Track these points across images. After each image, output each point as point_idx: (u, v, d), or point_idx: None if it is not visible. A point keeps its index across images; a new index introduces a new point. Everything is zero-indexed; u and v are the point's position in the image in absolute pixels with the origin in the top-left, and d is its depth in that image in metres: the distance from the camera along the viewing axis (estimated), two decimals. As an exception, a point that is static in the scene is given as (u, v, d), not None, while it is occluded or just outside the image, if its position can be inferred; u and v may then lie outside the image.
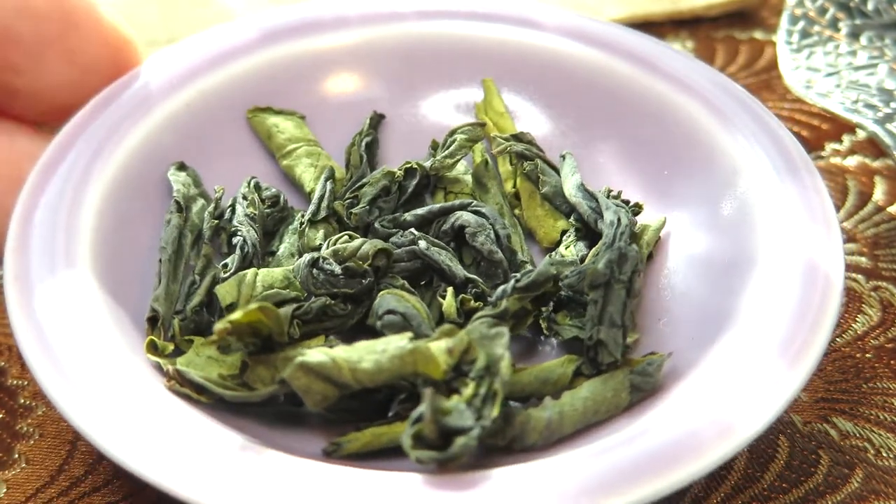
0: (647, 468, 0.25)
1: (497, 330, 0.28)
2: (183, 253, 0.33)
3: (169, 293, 0.32)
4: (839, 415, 0.32)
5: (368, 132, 0.36)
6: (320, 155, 0.36)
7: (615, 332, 0.29)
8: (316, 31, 0.37)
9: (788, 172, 0.32)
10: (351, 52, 0.37)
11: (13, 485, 0.31)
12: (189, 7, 0.48)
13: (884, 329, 0.35)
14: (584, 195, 0.33)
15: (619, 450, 0.26)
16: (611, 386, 0.28)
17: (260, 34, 0.37)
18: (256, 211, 0.34)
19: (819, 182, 0.32)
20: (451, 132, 0.35)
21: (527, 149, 0.35)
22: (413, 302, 0.30)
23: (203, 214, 0.34)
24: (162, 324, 0.31)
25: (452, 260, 0.32)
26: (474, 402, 0.26)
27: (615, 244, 0.30)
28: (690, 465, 0.25)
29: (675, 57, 0.36)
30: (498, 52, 0.38)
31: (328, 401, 0.27)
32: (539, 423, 0.27)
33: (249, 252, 0.33)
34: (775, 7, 0.49)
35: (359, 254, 0.31)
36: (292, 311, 0.30)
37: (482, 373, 0.27)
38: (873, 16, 0.42)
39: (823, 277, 0.29)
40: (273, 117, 0.36)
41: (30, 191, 0.31)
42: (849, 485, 0.30)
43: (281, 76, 0.37)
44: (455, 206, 0.33)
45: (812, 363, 0.27)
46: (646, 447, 0.26)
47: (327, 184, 0.35)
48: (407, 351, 0.27)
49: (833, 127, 0.42)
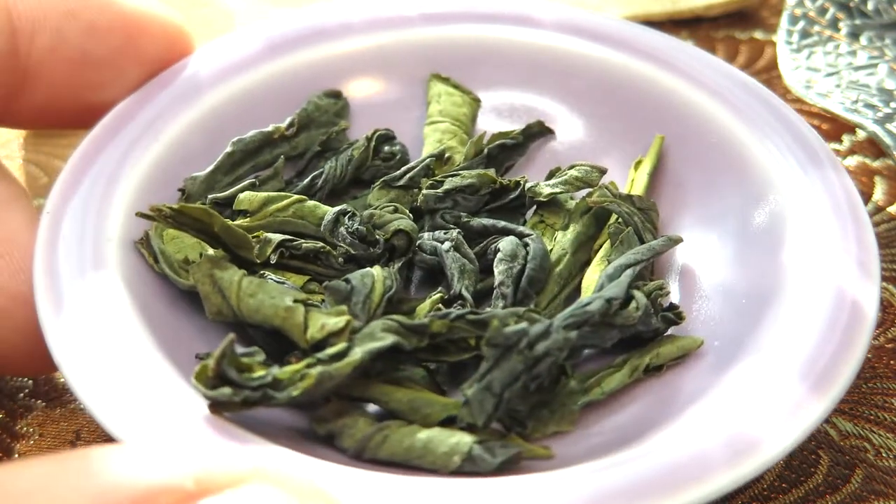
0: (652, 487, 0.24)
1: (389, 337, 0.27)
2: (254, 158, 0.34)
3: (210, 179, 0.33)
4: (839, 415, 0.32)
5: (515, 136, 0.36)
6: (456, 135, 0.36)
7: (487, 398, 0.27)
8: (342, 34, 0.37)
9: (818, 176, 0.32)
10: (365, 57, 0.37)
11: (13, 485, 0.31)
12: (189, 7, 0.48)
13: (884, 329, 0.35)
14: (616, 274, 0.30)
15: (623, 467, 0.25)
16: (449, 444, 0.27)
17: (297, 33, 0.37)
18: (358, 155, 0.34)
19: (851, 188, 0.31)
20: (571, 165, 0.34)
21: (627, 213, 0.32)
22: (378, 280, 0.30)
23: (315, 138, 0.35)
24: (186, 198, 0.33)
25: (465, 273, 0.31)
26: (291, 377, 0.26)
27: (556, 324, 0.27)
28: (695, 488, 0.25)
29: (717, 66, 0.36)
30: (521, 53, 0.37)
31: (222, 317, 0.29)
32: (359, 433, 0.27)
33: (318, 185, 0.34)
34: (775, 7, 0.48)
35: (383, 225, 0.31)
36: (282, 240, 0.31)
37: (325, 358, 0.27)
38: (873, 16, 0.42)
39: (852, 302, 0.28)
40: (444, 87, 0.37)
41: (60, 190, 0.31)
42: (849, 485, 0.30)
43: (307, 80, 0.36)
44: (515, 232, 0.32)
45: (839, 388, 0.27)
46: (651, 466, 0.25)
47: (428, 159, 0.34)
48: (283, 307, 0.28)
49: (833, 127, 0.42)
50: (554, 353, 0.27)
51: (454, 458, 0.26)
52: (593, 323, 0.28)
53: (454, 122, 0.36)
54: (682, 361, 0.30)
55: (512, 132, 0.36)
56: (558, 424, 0.29)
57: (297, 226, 0.32)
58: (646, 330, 0.30)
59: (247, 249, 0.31)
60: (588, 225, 0.33)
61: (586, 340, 0.28)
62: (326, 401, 0.28)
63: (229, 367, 0.26)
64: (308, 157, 0.35)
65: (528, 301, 0.31)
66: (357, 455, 0.27)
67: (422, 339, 0.28)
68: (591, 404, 0.29)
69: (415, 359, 0.29)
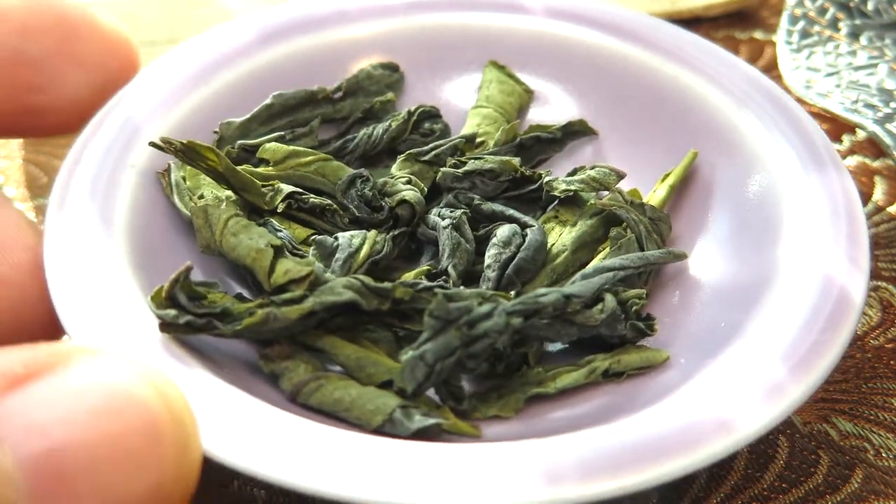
0: (640, 456, 0.25)
1: (348, 294, 0.28)
2: (293, 113, 0.35)
3: (244, 126, 0.34)
4: (839, 415, 0.32)
5: (553, 131, 0.36)
6: (496, 122, 0.36)
7: (419, 367, 0.27)
8: (335, 24, 0.37)
9: (816, 168, 0.32)
10: (359, 45, 0.37)
11: (13, 485, 0.31)
12: (189, 7, 0.48)
13: (884, 329, 0.35)
14: (592, 275, 0.30)
15: (611, 436, 0.25)
16: (376, 403, 0.27)
17: (291, 21, 0.37)
18: (396, 126, 0.35)
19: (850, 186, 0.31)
20: (592, 165, 0.34)
21: (634, 220, 0.32)
22: (368, 243, 0.31)
23: (360, 105, 0.36)
24: (219, 141, 0.34)
25: (457, 251, 0.31)
26: (241, 312, 0.28)
27: (501, 308, 0.27)
28: (684, 458, 0.25)
29: (706, 48, 0.36)
30: (510, 39, 0.38)
31: (210, 252, 0.31)
32: (296, 377, 0.28)
33: (349, 149, 0.34)
34: (775, 7, 0.48)
35: (392, 193, 0.32)
36: (292, 192, 0.32)
37: (278, 301, 0.28)
38: (873, 16, 0.42)
39: (839, 289, 0.29)
40: (498, 74, 0.37)
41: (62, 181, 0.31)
42: (849, 485, 0.30)
43: (314, 63, 0.37)
44: (520, 221, 0.32)
45: (821, 371, 0.27)
46: (640, 436, 0.25)
47: (458, 139, 0.35)
48: (255, 249, 0.29)
49: (833, 127, 0.42)
50: (493, 336, 0.27)
51: (377, 417, 0.27)
52: (547, 315, 0.28)
53: (497, 109, 0.36)
54: (648, 372, 0.30)
55: (551, 126, 0.36)
56: (500, 409, 0.29)
57: (315, 182, 0.33)
58: (610, 335, 0.29)
59: (252, 194, 0.32)
60: (595, 227, 0.33)
61: (538, 331, 0.28)
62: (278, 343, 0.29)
63: (180, 292, 0.28)
64: (350, 122, 0.36)
65: (513, 288, 0.31)
66: (292, 398, 0.28)
67: (383, 302, 0.28)
68: (544, 397, 0.29)
69: (384, 323, 0.29)
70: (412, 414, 0.27)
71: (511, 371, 0.29)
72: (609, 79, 0.37)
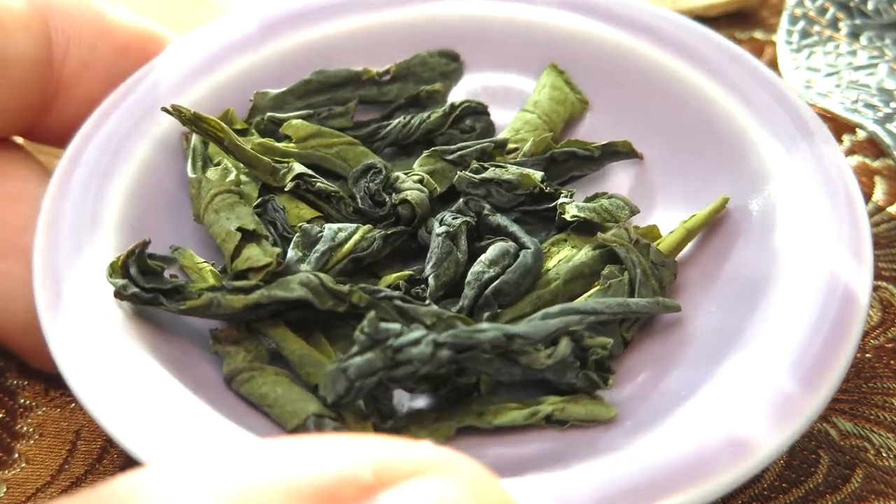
0: (654, 486, 0.24)
1: (300, 291, 0.28)
2: (332, 91, 0.35)
3: (279, 98, 0.34)
4: (839, 415, 0.32)
5: (591, 149, 0.34)
6: (537, 129, 0.35)
7: (340, 380, 0.26)
8: (333, 15, 0.37)
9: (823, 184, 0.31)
10: (356, 37, 0.37)
11: (13, 485, 0.31)
12: (189, 7, 0.48)
13: (884, 329, 0.35)
14: (555, 315, 0.28)
15: (622, 466, 0.25)
16: (296, 406, 0.27)
17: (297, 11, 0.37)
18: (435, 118, 0.34)
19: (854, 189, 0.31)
20: (610, 194, 0.32)
21: (633, 262, 0.30)
22: (355, 239, 0.30)
23: (407, 91, 0.36)
24: (252, 110, 0.34)
25: (444, 260, 0.30)
26: (190, 293, 0.28)
27: (432, 338, 0.26)
28: (700, 486, 0.24)
29: (720, 46, 0.35)
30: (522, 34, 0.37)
31: (200, 221, 0.32)
32: (233, 363, 0.28)
33: (380, 135, 0.34)
34: (775, 7, 0.48)
35: (398, 191, 0.32)
36: (302, 172, 0.32)
37: (228, 287, 0.28)
38: (873, 16, 0.42)
39: (845, 292, 0.28)
40: (554, 80, 0.36)
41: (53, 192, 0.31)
42: (849, 485, 0.30)
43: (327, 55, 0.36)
44: (519, 240, 0.31)
45: (832, 383, 0.26)
46: (653, 464, 0.25)
47: (486, 143, 0.33)
48: (226, 230, 0.30)
49: (833, 127, 0.42)
50: (415, 364, 0.26)
51: (293, 420, 0.27)
52: (484, 351, 0.27)
53: (542, 116, 0.35)
54: (594, 426, 0.28)
55: (589, 144, 0.34)
56: (431, 434, 0.28)
57: (335, 165, 0.33)
58: (557, 381, 0.28)
59: (258, 170, 0.32)
60: (595, 260, 0.31)
61: (478, 366, 0.27)
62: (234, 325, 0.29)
63: (133, 265, 0.28)
64: (392, 107, 0.35)
65: (489, 310, 0.29)
66: (227, 383, 0.29)
67: (339, 304, 0.28)
68: (479, 430, 0.28)
69: (350, 324, 0.29)
70: (325, 424, 0.27)
71: (460, 395, 0.28)
72: (666, 99, 0.35)
